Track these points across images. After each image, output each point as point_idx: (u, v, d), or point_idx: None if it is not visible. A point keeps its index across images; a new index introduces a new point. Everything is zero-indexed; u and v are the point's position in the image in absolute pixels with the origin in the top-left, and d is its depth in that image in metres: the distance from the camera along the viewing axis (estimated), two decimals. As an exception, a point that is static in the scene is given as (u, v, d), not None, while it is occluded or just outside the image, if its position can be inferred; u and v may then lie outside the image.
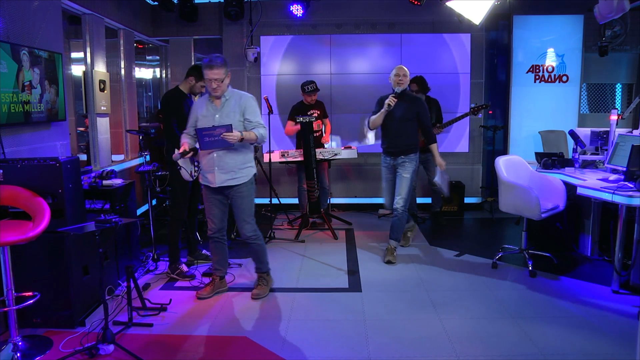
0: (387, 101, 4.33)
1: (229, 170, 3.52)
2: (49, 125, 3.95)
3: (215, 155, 3.49)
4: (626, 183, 3.56)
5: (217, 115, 3.51)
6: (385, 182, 4.62)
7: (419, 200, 6.49)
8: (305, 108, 5.59)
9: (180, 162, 3.90)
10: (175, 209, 4.08)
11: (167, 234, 4.20)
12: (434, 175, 5.61)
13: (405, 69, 4.44)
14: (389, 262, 4.42)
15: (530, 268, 4.11)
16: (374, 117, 4.50)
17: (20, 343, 2.88)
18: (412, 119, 4.41)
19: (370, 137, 6.50)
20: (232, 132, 3.36)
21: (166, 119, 4.07)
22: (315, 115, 5.60)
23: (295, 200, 6.36)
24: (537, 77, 6.27)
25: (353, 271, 4.27)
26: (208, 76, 3.42)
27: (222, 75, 3.43)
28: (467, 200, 6.44)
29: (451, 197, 6.10)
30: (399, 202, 4.41)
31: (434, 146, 4.53)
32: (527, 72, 6.27)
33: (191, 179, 3.99)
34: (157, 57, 7.49)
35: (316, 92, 5.55)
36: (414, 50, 6.45)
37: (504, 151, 6.34)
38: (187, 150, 3.51)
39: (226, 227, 3.79)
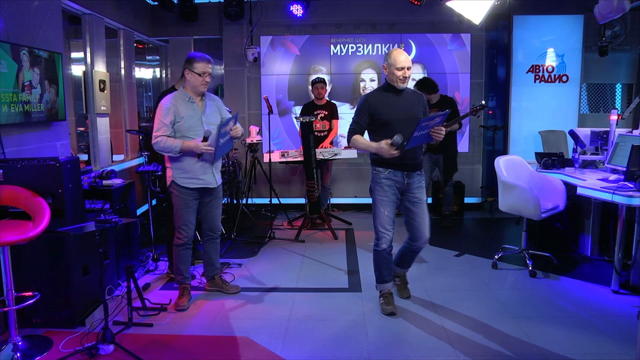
0: (386, 149, 3.13)
1: (219, 169, 3.57)
2: (49, 125, 3.95)
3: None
4: (626, 183, 3.56)
5: (203, 117, 3.39)
6: (389, 205, 3.35)
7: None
8: (314, 108, 5.68)
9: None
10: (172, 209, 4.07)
11: (165, 235, 4.19)
12: (446, 180, 5.62)
13: (407, 53, 3.36)
14: (407, 297, 3.66)
15: (530, 268, 4.11)
16: (361, 140, 3.34)
17: (20, 343, 2.88)
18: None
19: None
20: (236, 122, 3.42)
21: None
22: (321, 115, 5.65)
23: (296, 200, 6.39)
24: (537, 77, 6.27)
25: (353, 271, 4.27)
26: (205, 70, 3.30)
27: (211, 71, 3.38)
28: (467, 200, 6.44)
29: (451, 197, 6.10)
30: (425, 234, 3.40)
31: None
32: (527, 72, 6.27)
33: None
34: (157, 57, 7.49)
35: (320, 83, 5.62)
36: (414, 50, 6.45)
37: (504, 151, 6.34)
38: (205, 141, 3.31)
39: None
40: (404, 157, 3.24)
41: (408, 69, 3.28)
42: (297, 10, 6.14)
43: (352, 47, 6.49)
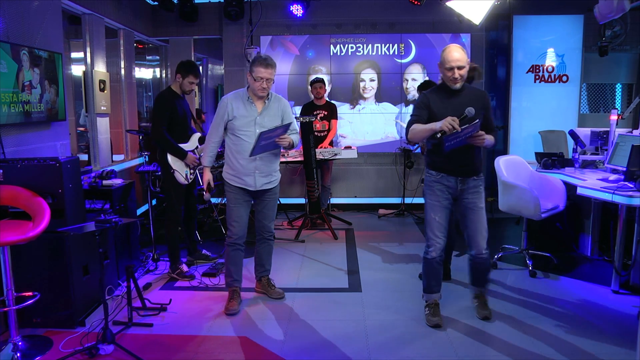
0: (444, 124, 2.82)
1: (267, 173, 3.46)
2: (49, 125, 3.95)
3: (258, 158, 3.37)
4: (626, 183, 3.56)
5: (257, 118, 3.36)
6: (441, 210, 3.15)
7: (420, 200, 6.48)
8: (313, 108, 5.70)
9: (173, 165, 3.93)
10: (170, 211, 4.08)
11: (165, 235, 4.20)
12: None
13: (463, 51, 3.10)
14: (485, 318, 3.26)
15: (530, 268, 4.11)
16: (419, 127, 3.03)
17: (20, 343, 2.88)
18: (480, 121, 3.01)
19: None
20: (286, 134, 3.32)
21: (155, 120, 3.99)
22: (321, 115, 5.67)
23: (296, 200, 6.38)
24: (537, 77, 6.27)
25: (353, 271, 4.27)
26: (261, 74, 3.24)
27: (272, 76, 3.31)
28: (467, 200, 6.43)
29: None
30: (481, 244, 3.17)
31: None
32: (527, 72, 6.27)
33: (186, 182, 4.01)
34: (157, 57, 7.50)
35: (319, 83, 5.63)
36: (414, 50, 6.46)
37: (504, 151, 6.33)
38: (211, 185, 3.50)
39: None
40: (457, 161, 3.08)
41: (459, 68, 3.01)
42: (297, 10, 6.14)
43: (352, 47, 6.49)
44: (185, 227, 4.29)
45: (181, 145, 3.98)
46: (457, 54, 3.03)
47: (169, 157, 3.93)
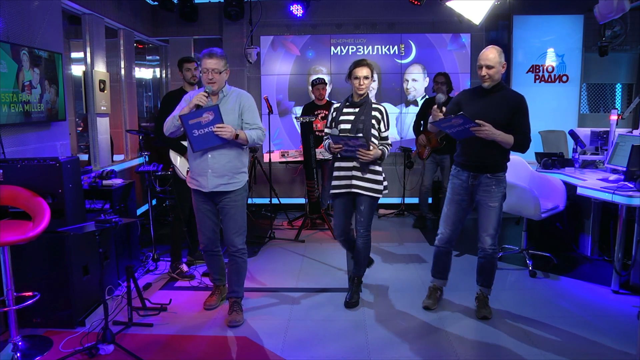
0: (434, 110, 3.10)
1: (223, 174, 3.14)
2: (49, 125, 3.95)
3: (209, 155, 3.11)
4: (626, 183, 3.56)
5: None
6: (450, 203, 3.32)
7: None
8: (314, 108, 5.70)
9: (174, 161, 3.94)
10: (177, 208, 4.09)
11: (170, 233, 4.20)
12: (447, 180, 5.56)
13: (498, 53, 3.19)
14: (485, 318, 3.30)
15: (530, 268, 4.11)
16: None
17: (20, 343, 2.88)
18: (504, 124, 3.12)
19: None
20: (222, 120, 3.01)
21: (157, 117, 4.06)
22: (322, 115, 5.67)
23: (296, 200, 6.38)
24: (537, 77, 6.27)
25: (353, 271, 4.27)
26: (206, 65, 3.11)
27: (219, 66, 3.11)
28: (467, 200, 6.43)
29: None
30: (486, 240, 3.25)
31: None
32: (527, 72, 6.27)
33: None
34: (157, 57, 7.49)
35: (321, 84, 5.65)
36: (414, 50, 6.46)
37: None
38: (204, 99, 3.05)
39: (219, 237, 3.43)
40: (470, 156, 3.20)
41: (488, 67, 3.07)
42: (297, 10, 6.14)
43: (352, 48, 6.49)
44: (189, 227, 4.30)
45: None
46: (489, 54, 3.13)
47: (171, 153, 3.95)
